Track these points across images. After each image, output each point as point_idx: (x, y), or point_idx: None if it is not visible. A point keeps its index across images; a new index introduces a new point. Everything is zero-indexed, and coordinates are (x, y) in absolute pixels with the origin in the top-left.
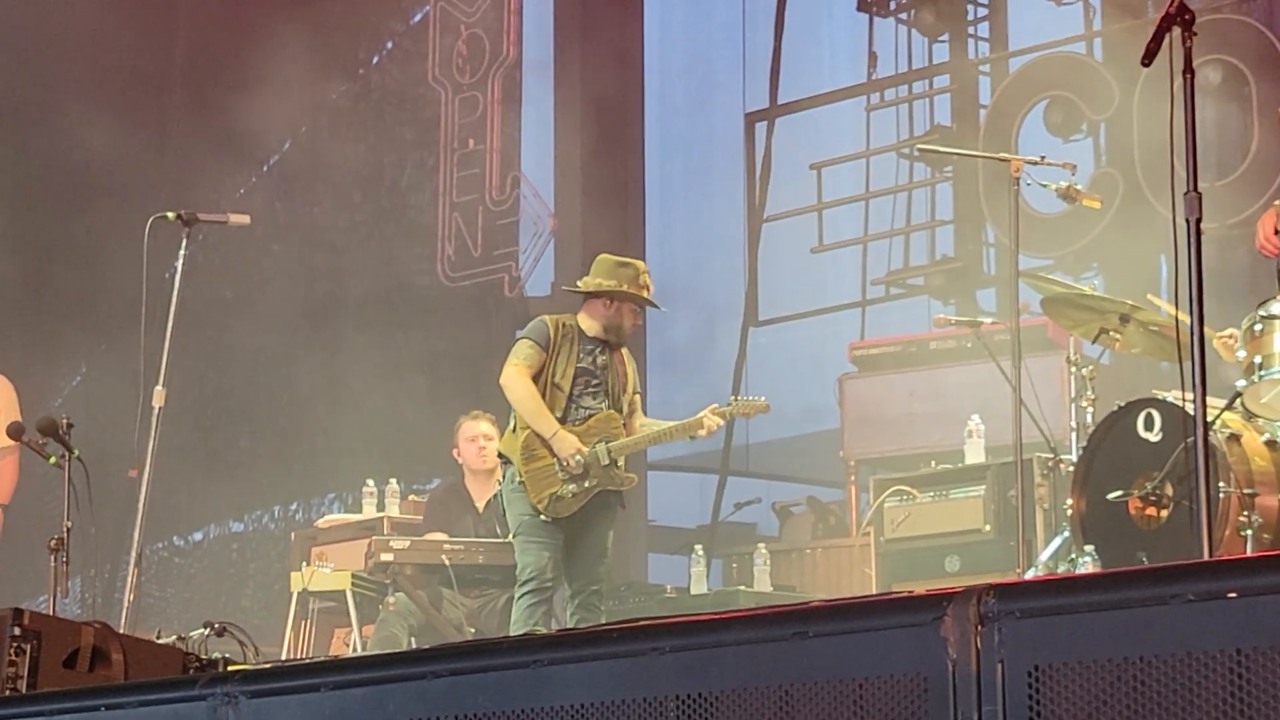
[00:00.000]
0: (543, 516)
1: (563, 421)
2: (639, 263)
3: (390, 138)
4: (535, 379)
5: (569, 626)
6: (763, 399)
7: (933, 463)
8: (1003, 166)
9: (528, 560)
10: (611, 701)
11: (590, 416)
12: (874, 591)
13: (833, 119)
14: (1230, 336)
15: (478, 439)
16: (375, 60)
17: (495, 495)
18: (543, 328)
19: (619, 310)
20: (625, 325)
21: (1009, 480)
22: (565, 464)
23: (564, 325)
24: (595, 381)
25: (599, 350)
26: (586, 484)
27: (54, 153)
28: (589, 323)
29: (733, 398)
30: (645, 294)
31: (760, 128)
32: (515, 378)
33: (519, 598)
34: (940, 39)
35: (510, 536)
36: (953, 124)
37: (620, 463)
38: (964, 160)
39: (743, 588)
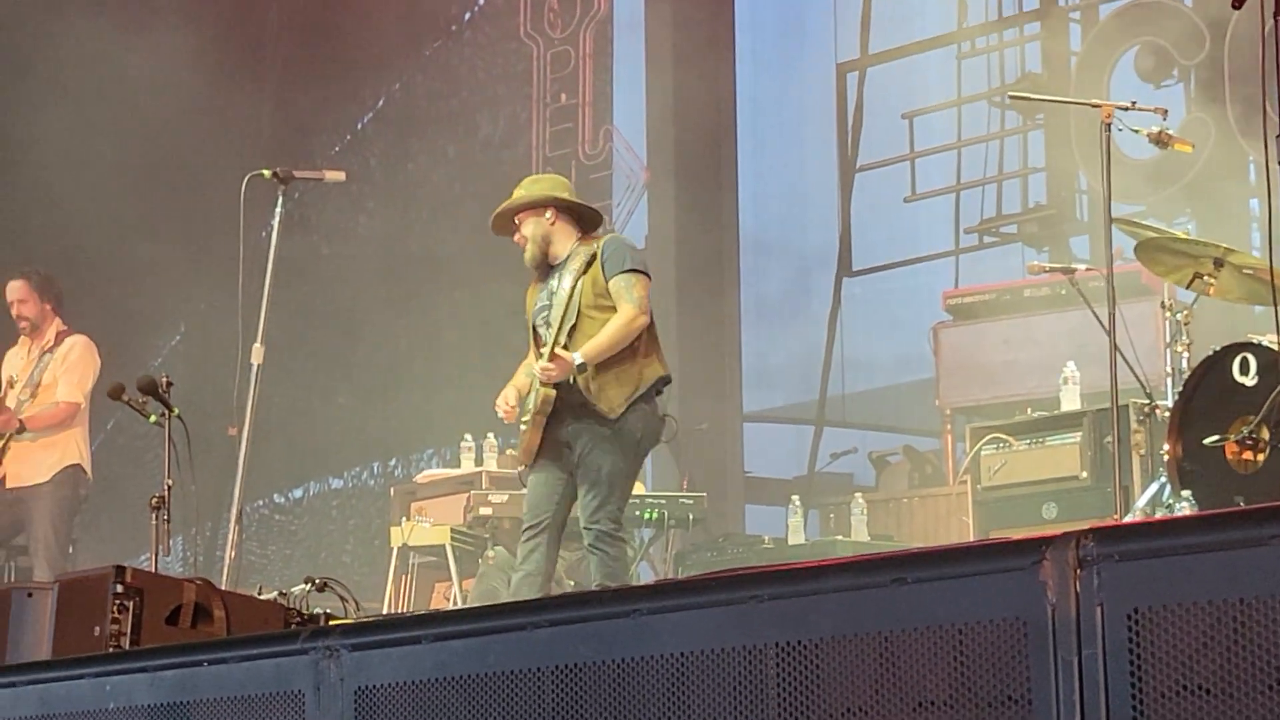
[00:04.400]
0: (522, 467)
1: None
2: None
3: (483, 93)
4: None
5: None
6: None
7: (1028, 410)
8: (1094, 113)
9: None
10: (711, 650)
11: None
12: (971, 540)
13: (924, 68)
14: None
15: None
16: (467, 17)
17: None
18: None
19: (517, 236)
20: (525, 250)
21: (1105, 427)
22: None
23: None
24: (547, 311)
25: (551, 277)
26: (523, 422)
27: (151, 113)
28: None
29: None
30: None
31: (851, 78)
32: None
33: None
34: None
35: None
36: (1044, 71)
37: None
38: (1055, 107)
39: (840, 538)
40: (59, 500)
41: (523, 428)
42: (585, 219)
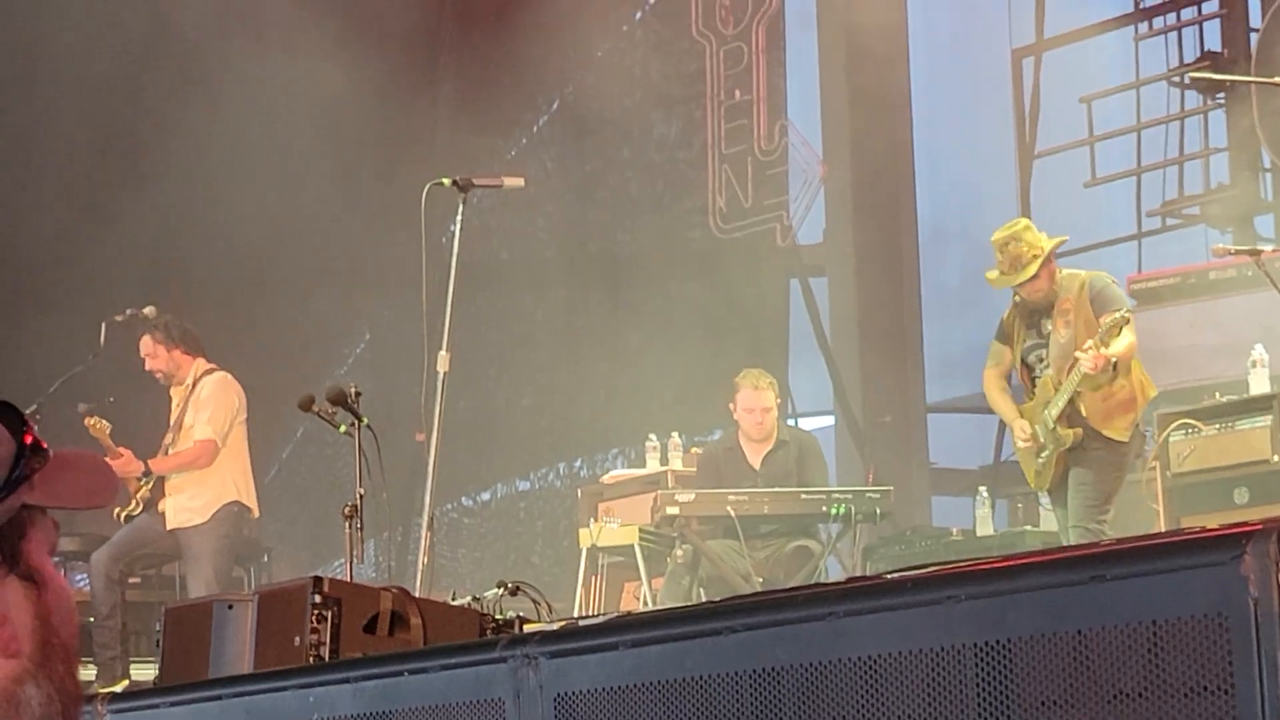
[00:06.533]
0: (1034, 487)
1: (1033, 398)
2: (1010, 227)
3: (657, 93)
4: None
5: None
6: None
7: (1216, 394)
8: (1277, 91)
9: None
10: (909, 651)
11: (1035, 386)
12: (1161, 527)
13: (1101, 51)
14: None
15: (755, 411)
16: (638, 16)
17: (771, 450)
18: (1001, 322)
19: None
20: (1023, 295)
21: None
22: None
23: (1015, 305)
24: (1042, 348)
25: (1043, 316)
26: (1042, 457)
27: (330, 126)
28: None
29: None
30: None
31: (1027, 64)
32: (985, 381)
33: None
34: None
35: None
36: (1224, 50)
37: (1082, 413)
38: (1237, 86)
39: (1029, 528)
40: (219, 539)
41: (1042, 458)
42: None
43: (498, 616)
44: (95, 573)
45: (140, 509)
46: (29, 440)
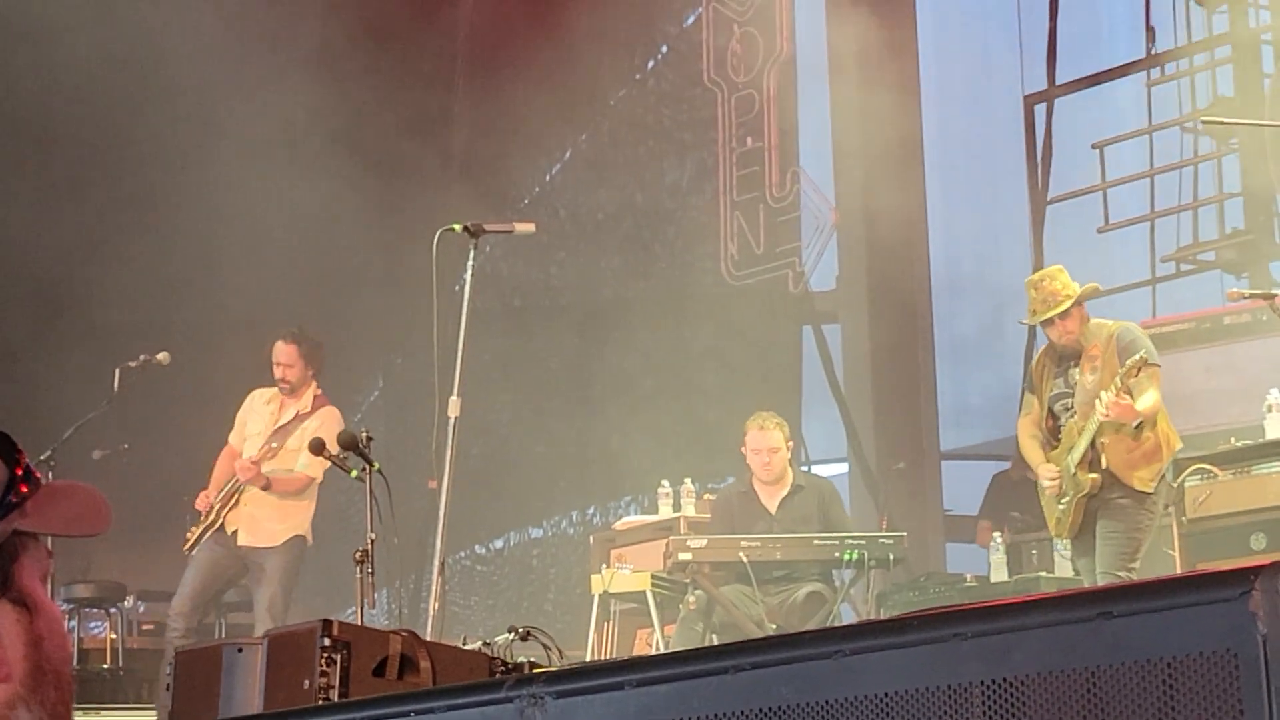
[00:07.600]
0: (1053, 534)
1: (1059, 445)
2: (1044, 270)
3: (669, 140)
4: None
5: None
6: None
7: (1233, 439)
8: None
9: None
10: (915, 689)
11: (1059, 434)
12: (1178, 573)
13: (1113, 97)
14: None
15: (762, 452)
16: (651, 65)
17: (787, 495)
18: (1030, 370)
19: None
20: (1053, 338)
21: None
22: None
23: (1044, 351)
24: (1068, 397)
25: (1071, 365)
26: (1062, 503)
27: (342, 171)
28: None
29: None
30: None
31: (1039, 110)
32: (1018, 429)
33: None
34: (1219, 10)
35: None
36: (1236, 95)
37: (1103, 464)
38: (1250, 131)
39: (1044, 574)
40: (289, 561)
41: (1062, 505)
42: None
43: (508, 661)
44: (174, 623)
45: (218, 523)
46: (21, 469)
